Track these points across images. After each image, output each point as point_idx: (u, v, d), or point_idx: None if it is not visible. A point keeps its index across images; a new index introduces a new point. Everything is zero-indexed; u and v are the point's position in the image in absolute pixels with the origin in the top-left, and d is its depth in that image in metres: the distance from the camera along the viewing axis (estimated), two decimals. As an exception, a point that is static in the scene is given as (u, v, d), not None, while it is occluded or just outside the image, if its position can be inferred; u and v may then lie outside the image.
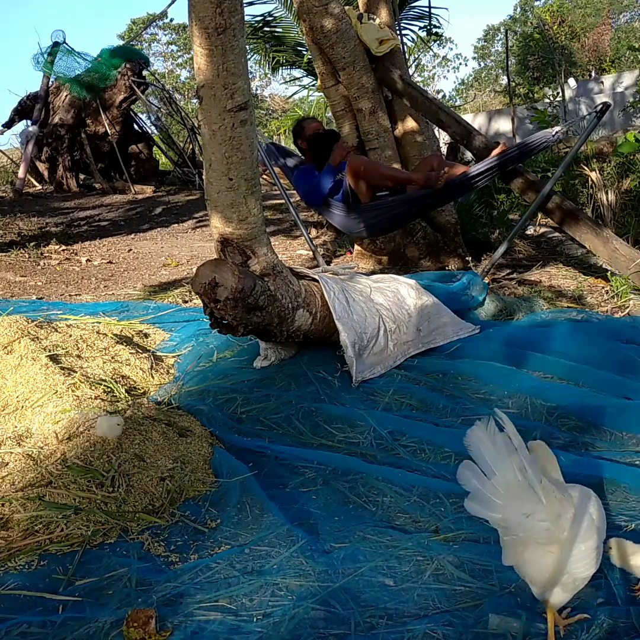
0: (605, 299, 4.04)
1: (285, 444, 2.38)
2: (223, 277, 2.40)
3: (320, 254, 4.98)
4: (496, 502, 1.32)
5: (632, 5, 26.85)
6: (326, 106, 10.78)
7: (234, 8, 2.18)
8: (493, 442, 1.32)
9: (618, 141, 6.45)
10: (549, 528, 1.30)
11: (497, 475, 1.31)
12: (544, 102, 10.12)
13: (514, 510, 1.31)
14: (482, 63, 33.05)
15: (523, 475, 1.29)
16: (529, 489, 1.29)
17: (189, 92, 26.35)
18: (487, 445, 1.32)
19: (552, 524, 1.30)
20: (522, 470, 1.29)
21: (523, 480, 1.29)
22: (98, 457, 2.11)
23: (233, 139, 2.34)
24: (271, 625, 1.50)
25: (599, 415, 2.40)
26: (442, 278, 3.62)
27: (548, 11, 18.26)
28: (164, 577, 1.68)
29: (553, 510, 1.30)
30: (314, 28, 4.45)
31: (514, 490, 1.30)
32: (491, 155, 4.09)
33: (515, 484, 1.30)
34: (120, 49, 10.94)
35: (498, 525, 1.36)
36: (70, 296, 4.72)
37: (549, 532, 1.31)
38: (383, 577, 1.67)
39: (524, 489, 1.30)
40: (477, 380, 2.74)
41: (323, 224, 6.51)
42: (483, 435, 1.33)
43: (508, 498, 1.31)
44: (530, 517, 1.30)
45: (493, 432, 1.32)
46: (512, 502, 1.31)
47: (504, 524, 1.34)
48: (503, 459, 1.30)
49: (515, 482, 1.30)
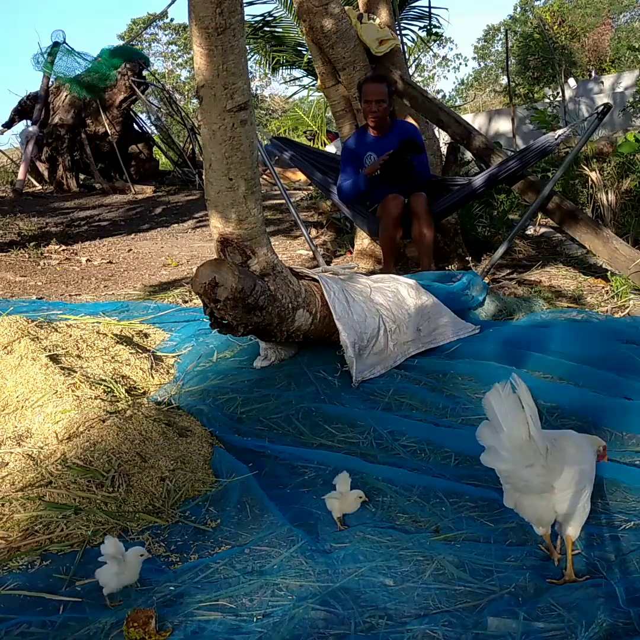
0: (605, 299, 4.03)
1: (285, 444, 2.38)
2: (223, 277, 2.40)
3: (320, 254, 4.98)
4: (502, 454, 1.50)
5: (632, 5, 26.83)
6: (326, 106, 10.79)
7: (234, 8, 2.18)
8: (505, 402, 1.48)
9: (618, 141, 6.44)
10: (545, 480, 1.52)
11: (505, 430, 1.48)
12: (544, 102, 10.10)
13: (517, 462, 1.50)
14: (482, 63, 33.03)
15: (527, 431, 1.46)
16: (531, 444, 1.47)
17: (189, 92, 26.34)
18: (500, 404, 1.49)
19: (547, 476, 1.52)
20: (526, 427, 1.46)
21: (526, 436, 1.47)
22: (98, 457, 2.11)
23: (233, 139, 2.34)
24: (271, 625, 1.50)
25: (599, 415, 2.40)
26: (442, 278, 3.61)
27: (548, 11, 18.24)
28: (164, 577, 1.69)
29: (548, 464, 1.50)
30: (314, 28, 4.45)
31: (517, 444, 1.48)
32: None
33: (519, 439, 1.48)
34: (120, 49, 10.94)
35: (502, 474, 1.56)
36: (70, 296, 4.72)
37: (544, 484, 1.52)
38: (383, 577, 1.67)
39: (526, 443, 1.47)
40: (477, 380, 2.74)
41: (323, 224, 6.51)
42: (497, 396, 1.50)
43: (512, 451, 1.49)
44: (530, 469, 1.50)
45: (507, 393, 1.49)
46: (515, 455, 1.49)
47: (506, 474, 1.55)
48: (511, 416, 1.47)
49: (519, 438, 1.47)
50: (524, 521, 1.85)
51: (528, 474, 1.51)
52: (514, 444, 1.48)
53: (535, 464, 1.50)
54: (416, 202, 4.14)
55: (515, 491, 1.58)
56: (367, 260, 5.04)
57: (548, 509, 1.57)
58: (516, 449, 1.49)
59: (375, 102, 4.17)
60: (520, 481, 1.54)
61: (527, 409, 1.46)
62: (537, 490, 1.54)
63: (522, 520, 1.86)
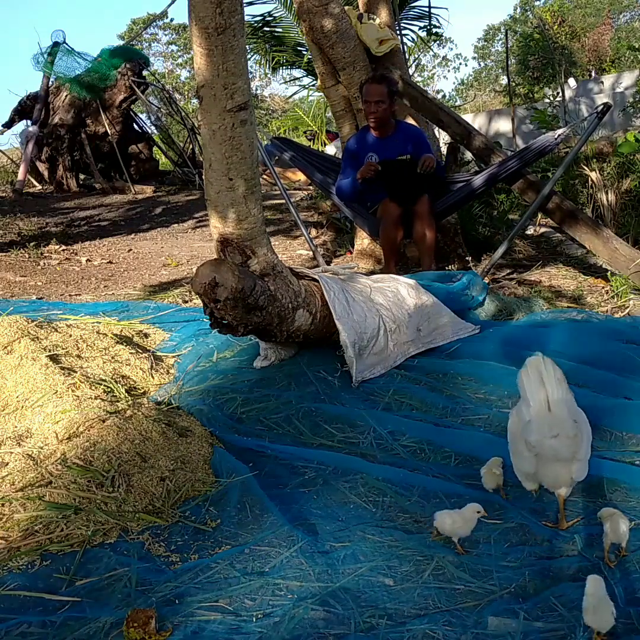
0: (605, 299, 4.03)
1: (285, 444, 2.38)
2: (223, 277, 2.40)
3: (320, 254, 4.98)
4: (532, 426, 1.68)
5: (632, 5, 26.83)
6: (326, 106, 10.79)
7: (234, 8, 2.18)
8: (532, 379, 1.68)
9: (618, 141, 6.45)
10: (572, 449, 1.69)
11: (532, 405, 1.68)
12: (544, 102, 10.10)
13: (544, 433, 1.67)
14: (482, 63, 33.01)
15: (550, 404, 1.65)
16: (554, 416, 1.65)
17: (189, 92, 26.33)
18: (528, 381, 1.68)
19: (573, 446, 1.68)
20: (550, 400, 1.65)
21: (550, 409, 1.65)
22: (98, 457, 2.11)
23: (233, 139, 2.34)
24: (271, 625, 1.50)
25: (599, 415, 2.40)
26: (442, 278, 3.61)
27: (548, 11, 18.25)
28: (164, 577, 1.69)
29: (574, 434, 1.67)
30: (314, 28, 4.45)
31: (542, 417, 1.66)
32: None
33: (542, 412, 1.66)
34: (120, 49, 10.93)
35: (532, 444, 1.70)
36: (70, 296, 4.72)
37: (570, 452, 1.69)
38: (383, 577, 1.67)
39: (549, 416, 1.65)
40: (477, 380, 2.74)
41: (323, 224, 6.51)
42: (526, 374, 1.69)
43: (539, 423, 1.67)
44: (555, 440, 1.67)
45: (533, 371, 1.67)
46: (542, 426, 1.67)
47: (535, 444, 1.70)
48: (536, 392, 1.66)
49: (543, 411, 1.65)
50: (524, 521, 1.86)
51: (556, 443, 1.67)
52: (539, 417, 1.66)
53: (560, 434, 1.66)
54: (418, 202, 4.14)
55: (542, 460, 1.73)
56: (367, 260, 5.04)
57: (567, 475, 1.74)
58: (542, 421, 1.66)
59: (374, 103, 4.15)
60: (550, 450, 1.69)
61: (548, 386, 1.64)
62: (563, 458, 1.70)
63: (522, 520, 1.87)
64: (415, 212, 4.13)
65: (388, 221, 4.16)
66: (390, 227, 4.16)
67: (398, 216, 4.14)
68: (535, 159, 4.30)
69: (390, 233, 4.17)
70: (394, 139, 4.30)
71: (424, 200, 4.15)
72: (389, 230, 4.17)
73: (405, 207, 4.15)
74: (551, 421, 1.66)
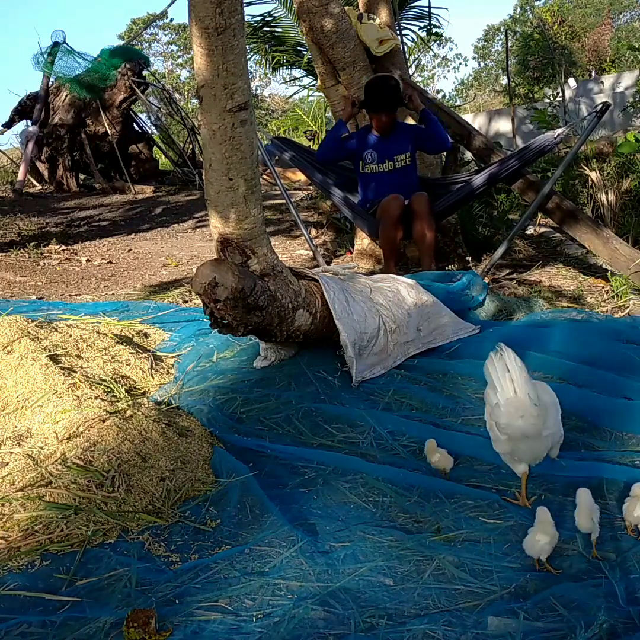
0: (605, 299, 4.04)
1: (285, 444, 2.38)
2: (223, 277, 2.40)
3: (320, 254, 4.98)
4: (501, 409, 1.82)
5: (632, 5, 26.84)
6: (326, 106, 10.79)
7: (234, 8, 2.18)
8: (497, 366, 1.84)
9: (618, 141, 6.45)
10: (537, 426, 1.81)
11: (499, 390, 1.82)
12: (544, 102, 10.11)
13: (512, 414, 1.80)
14: (482, 63, 33.03)
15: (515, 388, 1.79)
16: (519, 398, 1.79)
17: (189, 92, 26.33)
18: (493, 369, 1.85)
19: (538, 423, 1.81)
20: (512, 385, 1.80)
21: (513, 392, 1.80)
22: (98, 457, 2.11)
23: (233, 139, 2.34)
24: (271, 625, 1.50)
25: (599, 415, 2.40)
26: (442, 278, 3.61)
27: (548, 11, 18.25)
28: (164, 577, 1.68)
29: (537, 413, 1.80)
30: (314, 28, 4.45)
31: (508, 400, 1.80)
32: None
33: (508, 395, 1.80)
34: (120, 49, 10.93)
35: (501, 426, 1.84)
36: (70, 296, 4.72)
37: (536, 429, 1.82)
38: (383, 577, 1.67)
39: (515, 398, 1.79)
40: (477, 380, 2.73)
41: (323, 224, 6.51)
42: (492, 363, 1.86)
43: (506, 406, 1.81)
44: (522, 419, 1.80)
45: (497, 359, 1.84)
46: (509, 408, 1.80)
47: (504, 426, 1.83)
48: (501, 378, 1.82)
49: (509, 394, 1.80)
50: (524, 521, 1.86)
51: (522, 423, 1.80)
52: (506, 400, 1.80)
53: (525, 414, 1.79)
54: (418, 202, 4.14)
55: (513, 439, 1.86)
56: (367, 260, 5.04)
57: (542, 449, 1.89)
58: (509, 404, 1.80)
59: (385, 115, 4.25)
60: (517, 430, 1.82)
61: (512, 371, 1.80)
62: (532, 435, 1.83)
63: (522, 520, 1.87)
64: (415, 212, 4.13)
65: (387, 221, 4.16)
66: (389, 227, 4.16)
67: (398, 216, 4.14)
68: (535, 159, 4.30)
69: (390, 233, 4.17)
70: (395, 139, 4.32)
71: (423, 200, 4.15)
72: (389, 230, 4.17)
73: (405, 206, 4.15)
74: (517, 403, 1.80)
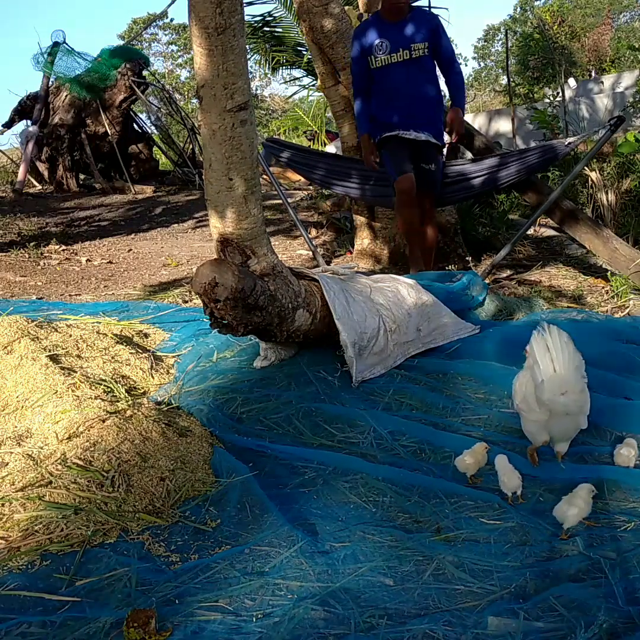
0: (605, 299, 4.03)
1: (285, 444, 2.38)
2: (223, 277, 2.40)
3: (320, 254, 4.98)
4: (544, 385, 1.94)
5: (632, 5, 26.82)
6: (326, 106, 10.78)
7: (234, 8, 2.18)
8: (540, 345, 1.97)
9: (618, 141, 6.45)
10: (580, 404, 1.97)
11: (541, 367, 1.94)
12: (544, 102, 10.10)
13: (553, 391, 1.93)
14: (482, 63, 33.03)
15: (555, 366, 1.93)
16: (559, 376, 1.92)
17: (189, 92, 26.32)
18: (537, 347, 1.97)
19: (580, 401, 1.96)
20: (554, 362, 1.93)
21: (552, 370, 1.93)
22: (98, 457, 2.11)
23: (233, 139, 2.34)
24: (271, 625, 1.50)
25: (599, 415, 2.39)
26: (442, 278, 3.61)
27: (548, 11, 18.22)
28: (164, 577, 1.68)
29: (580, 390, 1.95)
30: (314, 28, 4.45)
31: (549, 377, 1.93)
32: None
33: (549, 373, 1.93)
34: (120, 49, 10.94)
35: (544, 402, 1.96)
36: (70, 296, 4.72)
37: (578, 407, 1.97)
38: (383, 577, 1.67)
39: (555, 376, 1.92)
40: (477, 380, 2.74)
41: (323, 224, 6.51)
42: (535, 342, 1.98)
43: (548, 382, 1.93)
44: (564, 396, 1.92)
45: (539, 339, 1.97)
46: (552, 385, 1.93)
47: (547, 402, 1.95)
48: (544, 354, 1.95)
49: (549, 372, 1.93)
50: (524, 521, 1.86)
51: (564, 399, 1.92)
52: (547, 377, 1.92)
53: (568, 391, 1.92)
54: (424, 200, 4.12)
55: (553, 415, 1.98)
56: (367, 260, 5.04)
57: (574, 427, 2.03)
58: (551, 381, 1.92)
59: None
60: (559, 405, 1.93)
61: (551, 350, 1.93)
62: (572, 412, 1.97)
63: (522, 520, 1.87)
64: (420, 209, 4.11)
65: (402, 201, 3.97)
66: (405, 208, 3.98)
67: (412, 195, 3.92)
68: (542, 166, 4.29)
69: (407, 214, 4.00)
70: (407, 24, 3.90)
71: (430, 199, 4.13)
72: (405, 212, 4.00)
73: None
74: (560, 381, 1.91)
